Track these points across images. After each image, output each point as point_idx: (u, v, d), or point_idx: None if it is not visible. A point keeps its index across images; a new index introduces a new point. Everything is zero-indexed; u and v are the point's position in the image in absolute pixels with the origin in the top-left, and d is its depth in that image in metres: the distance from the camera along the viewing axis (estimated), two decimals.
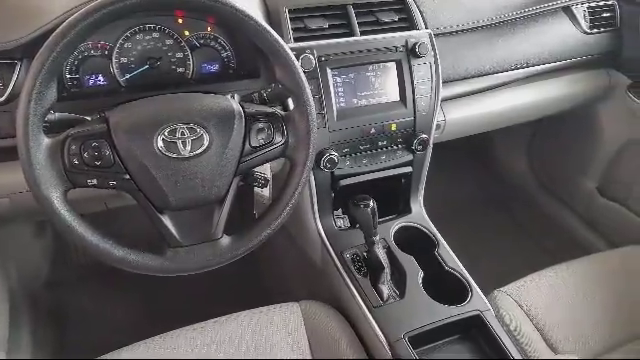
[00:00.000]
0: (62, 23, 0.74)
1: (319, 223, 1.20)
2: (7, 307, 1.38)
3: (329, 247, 1.18)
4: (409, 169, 1.23)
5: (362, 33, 1.13)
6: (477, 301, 1.07)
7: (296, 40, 1.08)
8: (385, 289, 1.07)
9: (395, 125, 1.15)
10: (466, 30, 1.29)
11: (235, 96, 0.91)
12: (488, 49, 1.32)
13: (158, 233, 0.83)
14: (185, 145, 0.78)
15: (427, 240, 1.21)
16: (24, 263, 1.61)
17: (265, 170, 1.00)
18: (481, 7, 1.31)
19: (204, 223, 0.84)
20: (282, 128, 0.87)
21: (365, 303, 1.05)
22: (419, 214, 1.28)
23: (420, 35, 1.16)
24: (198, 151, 0.79)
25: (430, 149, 1.24)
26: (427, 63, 1.16)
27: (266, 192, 1.09)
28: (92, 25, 0.75)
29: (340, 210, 1.26)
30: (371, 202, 1.05)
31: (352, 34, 1.12)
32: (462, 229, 1.58)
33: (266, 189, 1.07)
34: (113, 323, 1.57)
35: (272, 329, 1.03)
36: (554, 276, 1.18)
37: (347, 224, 1.26)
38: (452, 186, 2.06)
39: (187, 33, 1.04)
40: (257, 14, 1.06)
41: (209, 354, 0.98)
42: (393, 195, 1.28)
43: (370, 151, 1.17)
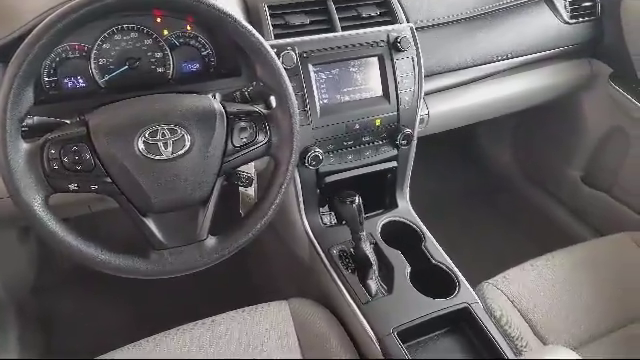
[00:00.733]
0: (38, 25, 0.73)
1: (305, 220, 1.20)
2: None
3: (316, 244, 1.17)
4: (394, 164, 1.23)
5: (343, 28, 1.12)
6: (465, 294, 1.07)
7: (277, 37, 1.07)
8: (373, 285, 1.07)
9: (379, 120, 1.15)
10: (447, 23, 1.30)
11: (216, 95, 0.90)
12: (470, 41, 1.32)
13: (142, 236, 0.82)
14: (166, 146, 0.78)
15: (414, 234, 1.22)
16: (9, 269, 1.59)
17: (249, 169, 0.99)
18: None
19: (189, 224, 0.84)
20: (265, 127, 0.87)
21: (353, 299, 1.05)
22: (405, 208, 1.28)
23: (401, 29, 1.15)
24: (180, 152, 0.78)
25: (414, 143, 1.24)
26: (409, 57, 1.15)
27: (251, 191, 1.08)
28: (68, 27, 0.74)
29: (326, 207, 1.26)
30: (357, 198, 1.05)
31: (333, 29, 1.12)
32: (448, 222, 1.59)
33: (251, 188, 1.07)
34: (101, 327, 1.55)
35: (261, 328, 1.02)
36: (540, 266, 1.19)
37: (334, 221, 1.25)
38: (438, 179, 2.06)
39: (166, 32, 1.02)
40: (236, 11, 1.05)
41: (198, 355, 0.98)
42: (379, 190, 1.28)
43: (355, 147, 1.16)
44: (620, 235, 1.30)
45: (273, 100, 0.93)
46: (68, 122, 0.81)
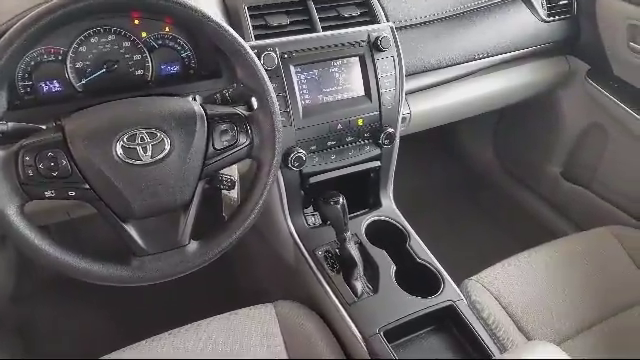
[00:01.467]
0: (9, 29, 0.71)
1: (290, 222, 1.19)
2: None
3: (301, 246, 1.17)
4: (377, 163, 1.23)
5: (324, 28, 1.12)
6: (449, 291, 1.08)
7: (257, 38, 1.06)
8: (358, 285, 1.07)
9: (362, 120, 1.15)
10: (428, 22, 1.30)
11: (197, 97, 0.89)
12: (450, 40, 1.33)
13: (123, 242, 0.81)
14: (145, 151, 0.76)
15: (398, 233, 1.22)
16: None
17: (232, 172, 0.98)
18: None
19: (170, 230, 0.82)
20: (246, 129, 0.86)
21: (339, 300, 1.05)
22: (389, 207, 1.28)
23: (382, 29, 1.15)
24: (159, 156, 0.77)
25: (397, 142, 1.24)
26: (390, 57, 1.15)
27: (234, 194, 1.07)
28: (42, 30, 0.72)
29: (311, 208, 1.25)
30: (341, 199, 1.05)
31: (314, 30, 1.11)
32: (432, 220, 1.60)
33: (234, 190, 1.06)
34: (83, 335, 1.53)
35: (247, 332, 1.02)
36: (523, 262, 1.21)
37: (318, 222, 1.25)
38: (421, 178, 2.07)
39: (144, 34, 1.01)
40: (216, 13, 1.04)
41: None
42: (363, 190, 1.28)
43: (338, 147, 1.16)
44: (600, 229, 1.32)
45: (254, 101, 0.92)
46: (44, 127, 0.79)
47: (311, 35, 1.10)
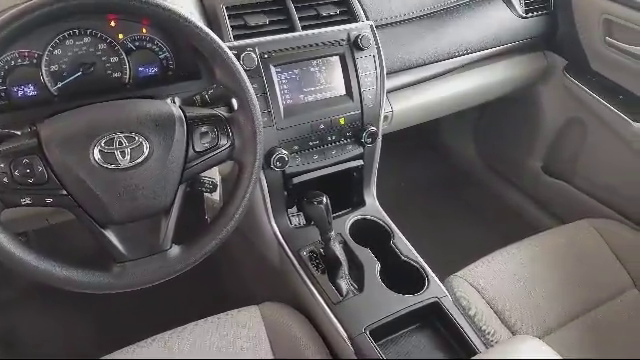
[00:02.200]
0: None
1: (274, 223, 1.19)
2: None
3: (285, 247, 1.16)
4: (360, 162, 1.23)
5: (303, 28, 1.11)
6: (434, 288, 1.08)
7: (236, 38, 1.05)
8: (344, 284, 1.07)
9: (343, 119, 1.15)
10: (407, 20, 1.30)
11: (176, 99, 0.88)
12: (429, 38, 1.33)
13: (103, 249, 0.79)
14: (124, 155, 0.75)
15: (382, 231, 1.22)
16: None
17: (213, 174, 0.98)
18: None
19: (151, 235, 0.81)
20: (227, 130, 0.85)
21: (324, 300, 1.05)
22: (373, 206, 1.29)
23: (361, 27, 1.15)
24: (138, 160, 0.76)
25: (380, 141, 1.24)
26: (370, 55, 1.15)
27: (216, 196, 1.06)
28: (13, 33, 0.70)
29: (294, 208, 1.25)
30: (324, 198, 1.05)
31: (293, 29, 1.11)
32: (416, 217, 1.60)
33: (216, 193, 1.05)
34: (66, 342, 1.50)
35: (233, 335, 1.01)
36: (506, 256, 1.22)
37: (302, 222, 1.25)
38: (404, 176, 2.08)
39: (121, 36, 0.99)
40: (192, 12, 1.03)
41: None
42: (346, 189, 1.28)
43: (320, 147, 1.16)
44: (581, 222, 1.34)
45: (235, 102, 0.92)
46: (19, 133, 0.77)
47: (291, 34, 1.10)
